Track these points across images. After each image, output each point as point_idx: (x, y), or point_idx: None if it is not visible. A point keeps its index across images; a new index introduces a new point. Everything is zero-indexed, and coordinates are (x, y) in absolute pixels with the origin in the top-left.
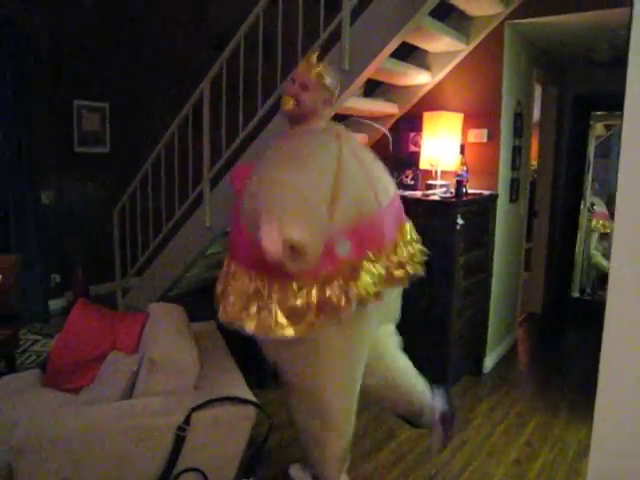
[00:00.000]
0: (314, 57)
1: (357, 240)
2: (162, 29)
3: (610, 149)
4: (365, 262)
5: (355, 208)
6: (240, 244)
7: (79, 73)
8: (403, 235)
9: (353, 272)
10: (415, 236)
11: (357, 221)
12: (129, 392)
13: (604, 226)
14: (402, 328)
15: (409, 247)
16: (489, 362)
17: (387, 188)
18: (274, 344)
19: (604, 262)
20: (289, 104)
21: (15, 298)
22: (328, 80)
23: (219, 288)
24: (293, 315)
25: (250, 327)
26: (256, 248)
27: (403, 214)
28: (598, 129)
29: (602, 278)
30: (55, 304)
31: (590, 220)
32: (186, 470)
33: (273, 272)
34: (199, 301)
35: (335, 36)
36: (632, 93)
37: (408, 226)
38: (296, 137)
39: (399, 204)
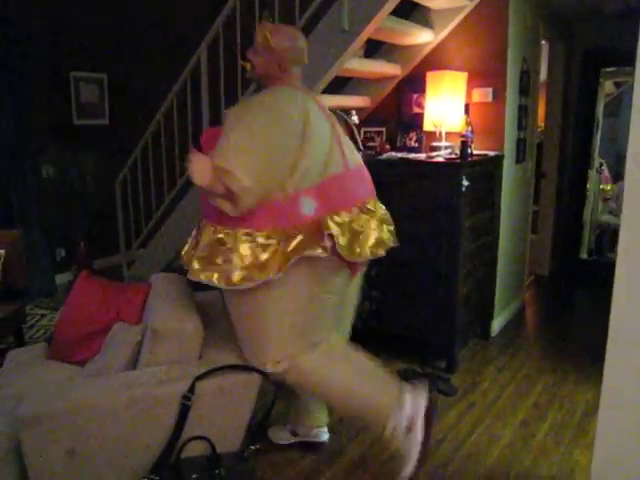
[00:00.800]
0: (265, 19)
1: (323, 198)
2: None
3: (620, 107)
4: (329, 217)
5: (322, 165)
6: (206, 201)
7: (75, 44)
8: (376, 210)
9: (318, 229)
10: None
11: (323, 179)
12: (133, 363)
13: (604, 190)
14: (408, 292)
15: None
16: (497, 325)
17: (354, 153)
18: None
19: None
20: (247, 67)
21: (19, 273)
22: (274, 41)
23: (186, 247)
24: (253, 267)
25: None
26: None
27: (373, 188)
28: (607, 87)
29: (611, 238)
30: (61, 278)
31: (599, 181)
32: (192, 439)
33: (237, 225)
34: None
35: None
36: None
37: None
38: (264, 92)
39: (368, 175)
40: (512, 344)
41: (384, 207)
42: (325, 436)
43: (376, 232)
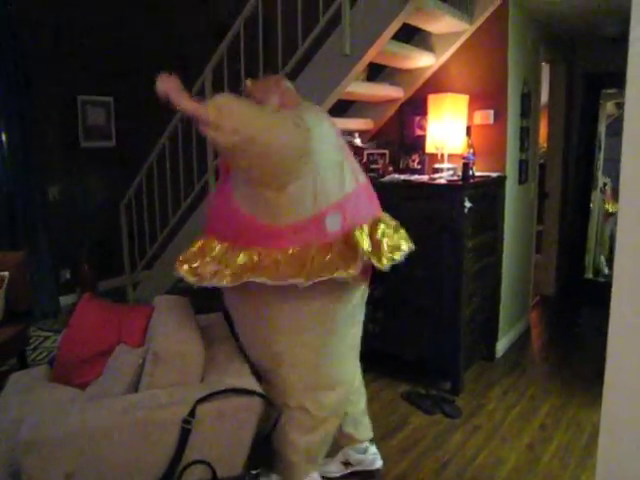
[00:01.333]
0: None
1: (345, 213)
2: (163, 20)
3: (621, 128)
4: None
5: (340, 180)
6: (221, 217)
7: (82, 68)
8: (385, 223)
9: (349, 245)
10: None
11: (342, 195)
12: (135, 386)
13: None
14: (412, 313)
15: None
16: (501, 346)
17: (359, 168)
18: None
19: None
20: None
21: (23, 295)
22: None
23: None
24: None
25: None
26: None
27: (378, 203)
28: (609, 108)
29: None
30: (66, 300)
31: (603, 200)
32: (193, 463)
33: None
34: (207, 292)
35: (335, 20)
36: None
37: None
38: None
39: (372, 191)
40: (517, 365)
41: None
42: (379, 462)
43: (392, 239)
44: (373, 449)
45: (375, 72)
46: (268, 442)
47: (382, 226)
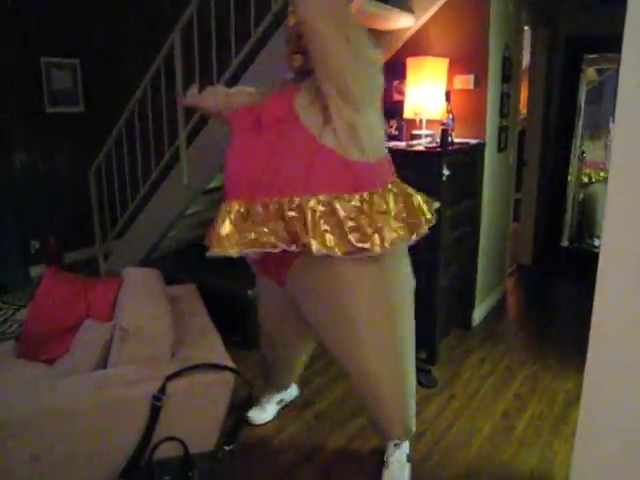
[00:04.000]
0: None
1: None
2: None
3: (602, 95)
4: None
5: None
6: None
7: (45, 28)
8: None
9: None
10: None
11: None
12: (104, 362)
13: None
14: None
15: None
16: (478, 315)
17: None
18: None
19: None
20: (298, 59)
21: None
22: None
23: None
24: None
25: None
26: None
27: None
28: (590, 73)
29: (588, 226)
30: (36, 271)
31: (581, 169)
32: (164, 440)
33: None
34: (181, 263)
35: None
36: (631, 34)
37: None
38: None
39: None
40: (493, 334)
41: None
42: (297, 390)
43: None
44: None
45: None
46: (241, 417)
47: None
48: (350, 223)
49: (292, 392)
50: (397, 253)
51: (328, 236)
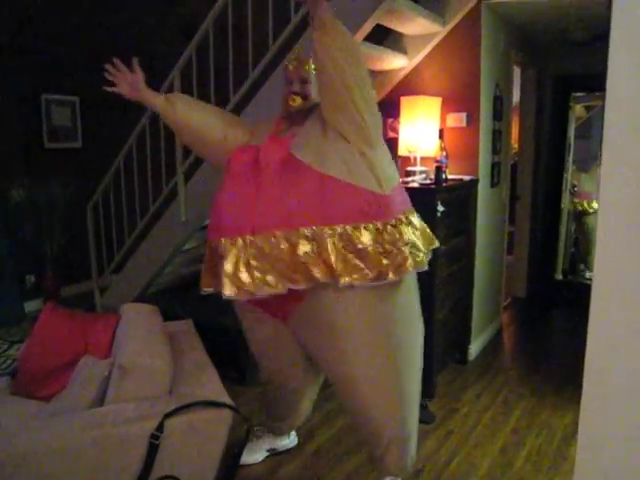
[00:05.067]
0: (301, 52)
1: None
2: (131, 19)
3: (590, 130)
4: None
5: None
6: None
7: (46, 66)
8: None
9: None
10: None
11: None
12: (101, 399)
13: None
14: None
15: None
16: (474, 349)
17: None
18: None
19: None
20: (297, 101)
21: None
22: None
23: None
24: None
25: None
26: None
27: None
28: (578, 110)
29: (582, 259)
30: (31, 306)
31: (573, 202)
32: (162, 478)
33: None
34: (177, 298)
35: (306, 22)
36: (614, 73)
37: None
38: None
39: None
40: (490, 368)
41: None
42: (295, 440)
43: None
44: (293, 431)
45: None
46: (238, 455)
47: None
48: (369, 251)
49: (288, 443)
50: (406, 283)
51: (350, 265)
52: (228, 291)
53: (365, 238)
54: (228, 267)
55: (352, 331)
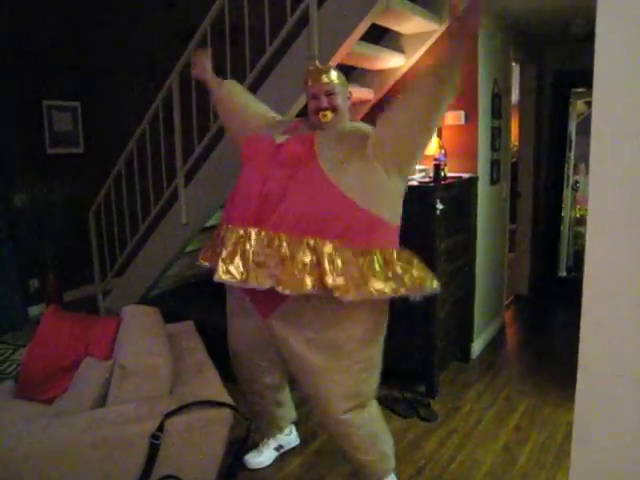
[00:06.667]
0: (318, 64)
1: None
2: (130, 24)
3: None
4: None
5: None
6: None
7: (47, 72)
8: None
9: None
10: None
11: None
12: (102, 400)
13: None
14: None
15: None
16: (477, 347)
17: None
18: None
19: None
20: (329, 116)
21: None
22: (342, 77)
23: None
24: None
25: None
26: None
27: None
28: (578, 106)
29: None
30: (36, 310)
31: (575, 198)
32: (163, 478)
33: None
34: (180, 300)
35: (303, 21)
36: (600, 69)
37: None
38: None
39: None
40: (492, 366)
41: None
42: (298, 439)
43: None
44: (294, 428)
45: (344, 74)
46: (239, 454)
47: None
48: (364, 272)
49: (292, 439)
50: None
51: (344, 282)
52: (219, 275)
53: (365, 261)
54: (224, 253)
55: (325, 341)
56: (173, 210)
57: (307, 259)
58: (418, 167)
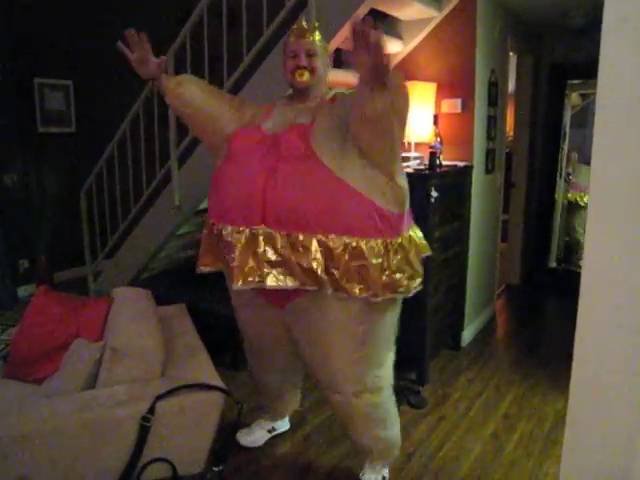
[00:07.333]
0: (304, 23)
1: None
2: (125, 3)
3: (586, 119)
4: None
5: None
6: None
7: (39, 49)
8: None
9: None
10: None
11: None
12: (93, 381)
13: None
14: None
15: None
16: (467, 335)
17: None
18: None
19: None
20: (305, 75)
21: None
22: (325, 43)
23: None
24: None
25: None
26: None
27: None
28: (574, 98)
29: (576, 248)
30: (25, 290)
31: (567, 190)
32: (153, 461)
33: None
34: (171, 283)
35: (301, 6)
36: (606, 58)
37: None
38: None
39: None
40: (483, 354)
41: None
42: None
43: None
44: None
45: (341, 59)
46: (231, 438)
47: None
48: (373, 266)
49: (284, 424)
50: (398, 300)
51: (353, 277)
52: (238, 283)
53: (372, 253)
54: (237, 258)
55: (340, 335)
56: (166, 192)
57: (318, 255)
58: (414, 154)
